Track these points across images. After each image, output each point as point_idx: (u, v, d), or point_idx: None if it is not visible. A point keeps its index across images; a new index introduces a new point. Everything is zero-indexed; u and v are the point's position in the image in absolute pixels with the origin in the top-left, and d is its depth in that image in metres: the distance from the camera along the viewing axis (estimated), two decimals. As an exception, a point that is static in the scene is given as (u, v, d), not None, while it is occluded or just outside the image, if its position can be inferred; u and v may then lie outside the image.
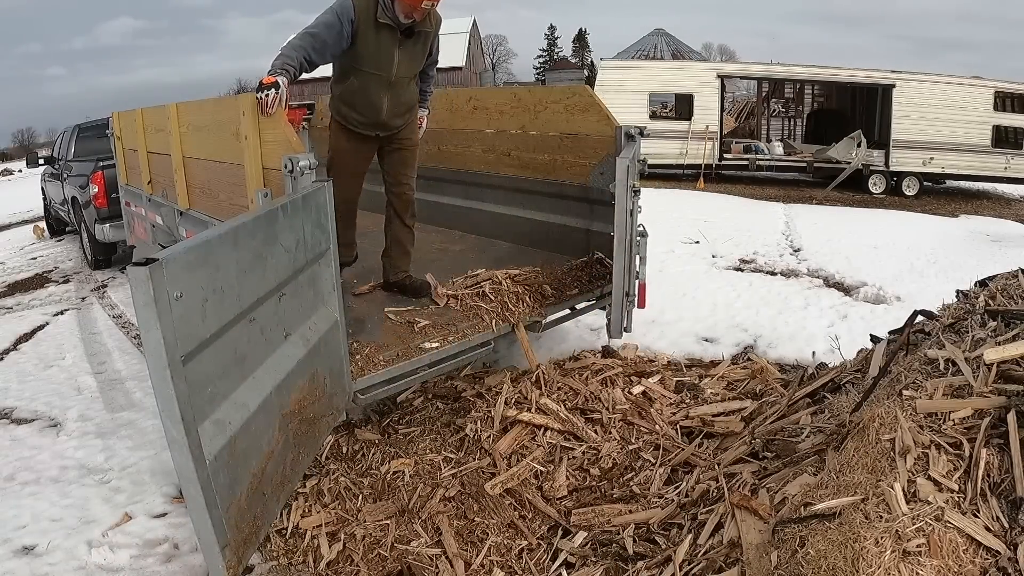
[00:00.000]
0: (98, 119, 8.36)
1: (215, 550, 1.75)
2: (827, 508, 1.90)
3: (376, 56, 3.01)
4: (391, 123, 3.21)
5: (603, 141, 3.66)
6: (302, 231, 2.28)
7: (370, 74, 3.05)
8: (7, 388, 4.47)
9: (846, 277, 6.06)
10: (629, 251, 3.06)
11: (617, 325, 3.19)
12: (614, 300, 3.13)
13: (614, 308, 3.15)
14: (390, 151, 3.33)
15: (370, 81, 3.06)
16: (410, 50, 3.09)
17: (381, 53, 3.01)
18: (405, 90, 3.20)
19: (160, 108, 4.07)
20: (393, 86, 3.11)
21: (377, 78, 3.06)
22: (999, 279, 2.75)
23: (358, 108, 3.13)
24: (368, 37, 2.96)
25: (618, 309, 3.15)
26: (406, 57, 3.08)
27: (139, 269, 1.51)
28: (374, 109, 3.11)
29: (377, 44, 2.98)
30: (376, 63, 3.02)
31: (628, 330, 3.30)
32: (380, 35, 2.97)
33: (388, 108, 3.14)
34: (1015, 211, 11.36)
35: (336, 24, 2.91)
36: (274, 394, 2.06)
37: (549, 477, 2.84)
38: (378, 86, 3.08)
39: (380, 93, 3.09)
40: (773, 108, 17.55)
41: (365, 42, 2.97)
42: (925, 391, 2.14)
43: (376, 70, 3.04)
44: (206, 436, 1.71)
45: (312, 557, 2.55)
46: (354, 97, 3.11)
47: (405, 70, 3.13)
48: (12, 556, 2.69)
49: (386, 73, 3.06)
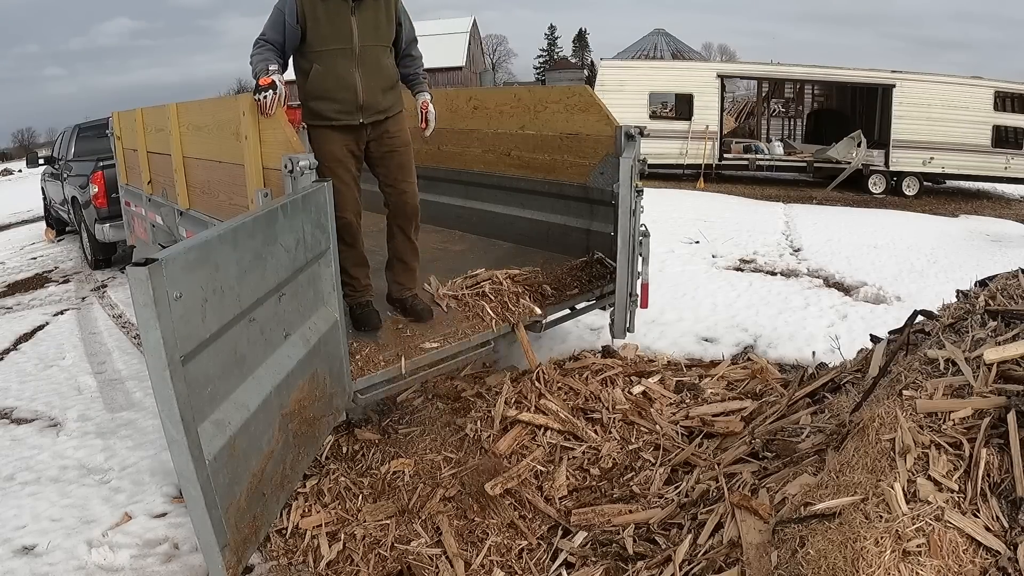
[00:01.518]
0: (98, 119, 8.36)
1: (215, 550, 1.75)
2: (827, 508, 1.90)
3: (331, 29, 2.79)
4: (372, 103, 2.90)
5: (603, 141, 3.66)
6: (302, 231, 2.28)
7: (332, 51, 2.81)
8: (7, 388, 4.47)
9: (846, 277, 6.06)
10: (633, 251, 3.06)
11: (621, 325, 3.19)
12: (618, 300, 3.12)
13: (618, 308, 3.14)
14: (382, 155, 3.05)
15: (335, 59, 2.81)
16: (368, 15, 2.84)
17: (337, 24, 2.78)
18: (377, 64, 2.90)
19: (160, 108, 4.07)
20: (361, 58, 2.84)
21: (341, 52, 2.81)
22: (999, 279, 2.75)
23: (333, 94, 2.84)
24: (318, 14, 2.77)
25: (622, 309, 3.15)
26: (367, 24, 2.84)
27: (139, 269, 1.51)
28: (349, 88, 2.84)
29: (329, 17, 2.78)
30: (334, 36, 2.79)
31: (631, 330, 3.29)
32: (328, 6, 2.77)
33: (363, 84, 2.86)
34: (1015, 211, 11.36)
35: (280, 18, 2.76)
36: (274, 394, 2.06)
37: (549, 477, 2.85)
38: (345, 62, 2.82)
39: (350, 69, 2.83)
40: (773, 108, 17.55)
41: (315, 21, 2.77)
42: (925, 391, 2.14)
43: (337, 44, 2.80)
44: (206, 436, 1.71)
45: (312, 557, 2.56)
46: (324, 84, 2.83)
47: (369, 38, 2.86)
48: (12, 556, 2.69)
49: (348, 44, 2.81)
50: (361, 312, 3.05)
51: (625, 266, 3.01)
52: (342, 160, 2.91)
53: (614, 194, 3.64)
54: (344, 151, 2.92)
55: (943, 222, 9.64)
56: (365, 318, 3.03)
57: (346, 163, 2.93)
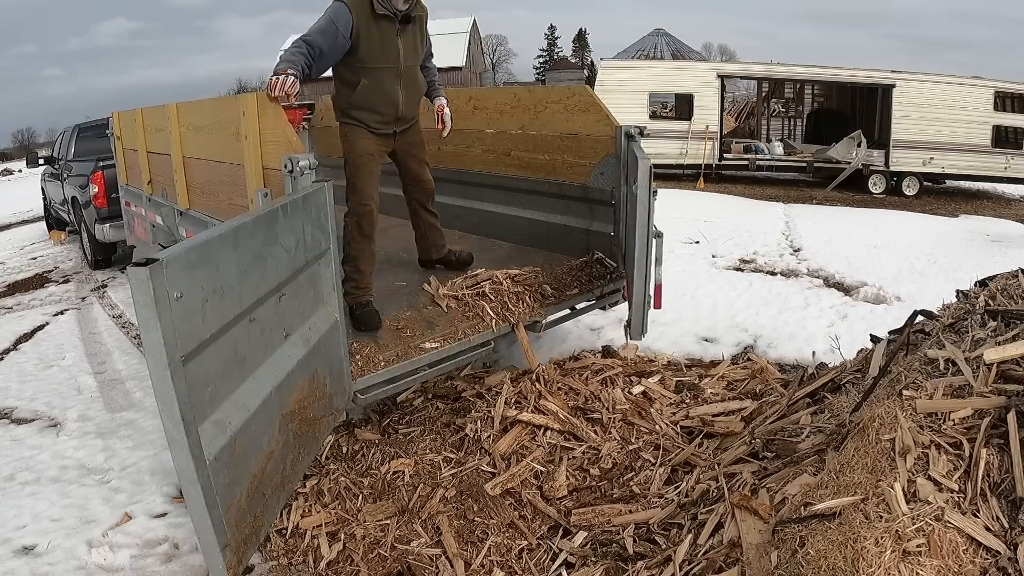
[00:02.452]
0: (98, 119, 8.36)
1: (215, 550, 1.75)
2: (827, 508, 1.90)
3: (382, 50, 3.03)
4: (408, 115, 3.26)
5: (603, 141, 3.66)
6: (302, 231, 2.28)
7: (381, 69, 3.06)
8: (7, 388, 4.47)
9: (846, 277, 6.06)
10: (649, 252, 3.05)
11: (638, 327, 3.18)
12: (634, 301, 3.11)
13: (634, 309, 3.13)
14: (405, 156, 3.38)
15: (382, 76, 3.07)
16: (411, 37, 3.13)
17: (386, 45, 3.03)
18: (414, 81, 3.24)
19: (160, 108, 4.07)
20: (404, 76, 3.14)
21: (388, 71, 3.08)
22: (999, 279, 2.75)
23: (377, 107, 3.12)
24: (370, 33, 2.97)
25: (639, 310, 3.14)
26: (409, 45, 3.12)
27: (139, 269, 1.51)
28: (391, 103, 3.13)
29: (380, 37, 3.00)
30: (383, 56, 3.04)
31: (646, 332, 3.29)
32: (381, 27, 2.99)
33: (404, 99, 3.17)
34: (1015, 211, 11.35)
35: (332, 30, 2.90)
36: (274, 394, 2.06)
37: (549, 477, 2.85)
38: (391, 79, 3.10)
39: (394, 85, 3.11)
40: (773, 108, 17.54)
41: (368, 38, 2.98)
42: (925, 391, 2.14)
43: (385, 63, 3.06)
44: (206, 436, 1.70)
45: (312, 557, 2.56)
46: (369, 97, 3.09)
47: (411, 58, 3.16)
48: (12, 556, 2.69)
49: (395, 64, 3.08)
50: (362, 312, 3.09)
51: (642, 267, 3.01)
52: (373, 155, 3.20)
53: (614, 194, 3.65)
54: (374, 147, 3.21)
55: (943, 222, 9.63)
56: (366, 318, 3.07)
57: (376, 158, 3.22)
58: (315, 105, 6.52)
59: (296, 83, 2.73)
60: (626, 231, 3.61)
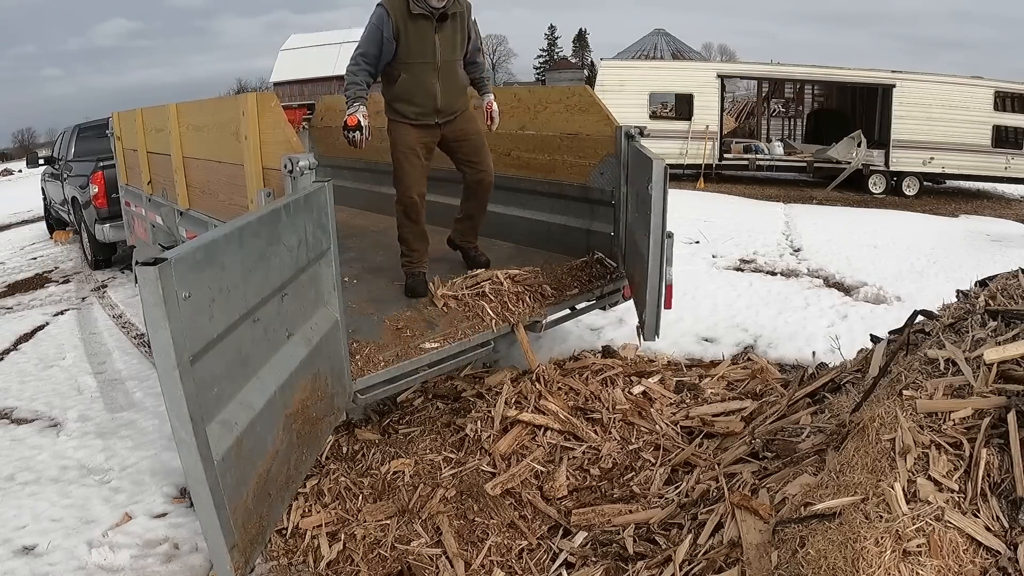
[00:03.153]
0: (98, 119, 8.36)
1: (223, 550, 1.74)
2: (827, 508, 1.90)
3: (419, 46, 3.22)
4: (447, 107, 3.37)
5: (603, 141, 3.66)
6: (304, 231, 2.28)
7: (417, 64, 3.25)
8: (7, 388, 4.47)
9: (846, 277, 6.06)
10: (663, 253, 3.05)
11: (651, 327, 3.18)
12: (648, 302, 3.11)
13: (648, 310, 3.14)
14: (458, 141, 3.48)
15: (419, 71, 3.26)
16: (448, 34, 3.28)
17: (423, 42, 3.22)
18: (454, 74, 3.38)
19: (160, 108, 4.06)
20: (441, 71, 3.30)
21: (424, 66, 3.26)
22: (999, 279, 2.75)
23: (415, 100, 3.30)
24: (408, 31, 3.18)
25: (652, 311, 3.14)
26: (446, 41, 3.28)
27: (148, 269, 1.50)
28: (429, 96, 3.30)
29: (417, 35, 3.20)
30: (420, 52, 3.23)
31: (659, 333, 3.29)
32: (418, 25, 3.18)
33: (442, 92, 3.32)
34: (1015, 211, 11.36)
35: (377, 34, 3.17)
36: (278, 394, 2.06)
37: (549, 477, 2.85)
38: (427, 74, 3.27)
39: (431, 79, 3.29)
40: (773, 108, 17.55)
41: (406, 37, 3.19)
42: (925, 391, 2.14)
43: (421, 59, 3.24)
44: (213, 437, 1.70)
45: (312, 557, 2.56)
46: (408, 91, 3.29)
47: (448, 53, 3.31)
48: (12, 556, 2.69)
49: (431, 59, 3.26)
50: (414, 281, 3.43)
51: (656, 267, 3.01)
52: (414, 148, 3.36)
53: (614, 194, 3.65)
54: (417, 142, 3.36)
55: (943, 222, 9.63)
56: (415, 286, 3.41)
57: (417, 151, 3.36)
58: (315, 105, 6.52)
59: (365, 129, 3.14)
60: (628, 231, 3.61)
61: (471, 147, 3.51)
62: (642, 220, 3.12)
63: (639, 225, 3.23)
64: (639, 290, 3.30)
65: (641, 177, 3.12)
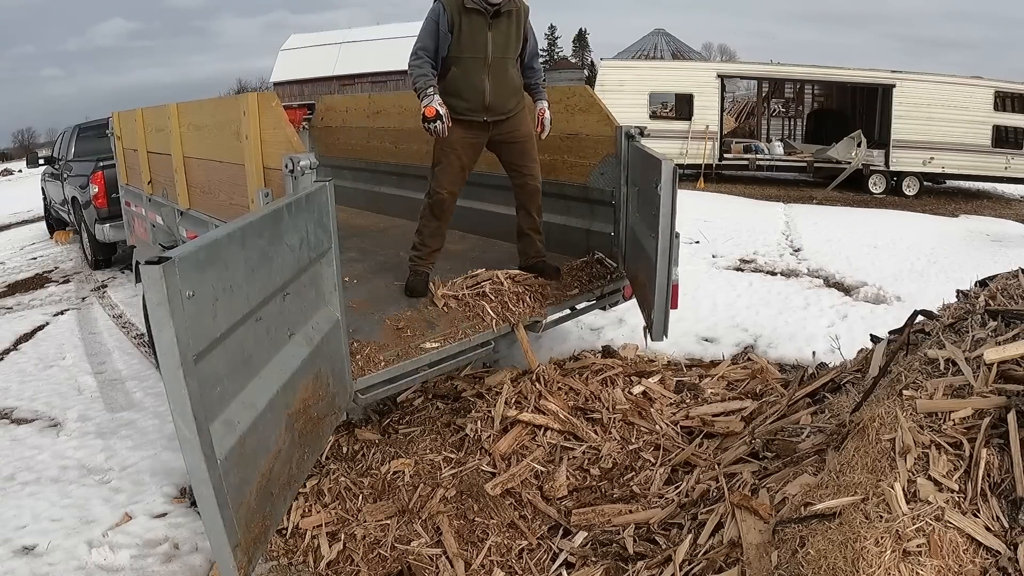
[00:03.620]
0: (98, 119, 8.36)
1: (226, 550, 1.74)
2: (827, 508, 1.90)
3: (471, 41, 3.21)
4: (497, 106, 3.32)
5: (603, 141, 3.66)
6: (305, 230, 2.28)
7: (468, 59, 3.24)
8: (7, 388, 4.47)
9: (846, 277, 6.06)
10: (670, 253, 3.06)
11: (659, 328, 3.18)
12: (656, 302, 3.11)
13: (656, 310, 3.14)
14: (506, 144, 3.45)
15: (469, 66, 3.25)
16: (502, 31, 3.26)
17: (475, 37, 3.21)
18: (505, 73, 3.33)
19: (160, 108, 4.06)
20: (492, 68, 3.27)
21: (475, 61, 3.24)
22: (999, 279, 2.75)
23: (463, 95, 3.29)
24: (463, 26, 3.19)
25: (660, 311, 3.14)
26: (499, 38, 3.26)
27: (153, 268, 1.50)
28: (477, 92, 3.27)
29: (470, 29, 3.20)
30: (472, 47, 3.23)
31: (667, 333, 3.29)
32: (471, 20, 3.19)
33: (491, 89, 3.29)
34: (1015, 211, 11.35)
35: (433, 27, 3.20)
36: (280, 393, 2.06)
37: (549, 477, 2.85)
38: (477, 69, 3.26)
39: (481, 75, 3.26)
40: (773, 108, 17.55)
41: (460, 31, 3.20)
42: (925, 391, 2.14)
43: (472, 53, 3.23)
44: (216, 436, 1.69)
45: (312, 557, 2.56)
46: (457, 84, 3.28)
47: (500, 51, 3.28)
48: (12, 556, 2.69)
49: (482, 55, 3.24)
50: (415, 279, 3.43)
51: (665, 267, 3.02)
52: (455, 146, 3.33)
53: (614, 194, 3.65)
54: (461, 140, 3.33)
55: (943, 222, 9.63)
56: (416, 285, 3.41)
57: (458, 150, 3.35)
58: (315, 105, 6.52)
59: (444, 117, 3.14)
60: (630, 231, 3.60)
61: (519, 150, 3.47)
62: (648, 220, 3.12)
63: (644, 225, 3.23)
64: (645, 290, 3.29)
65: (647, 177, 3.11)
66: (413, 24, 28.65)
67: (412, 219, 5.15)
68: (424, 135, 3.59)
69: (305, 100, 6.42)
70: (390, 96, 5.65)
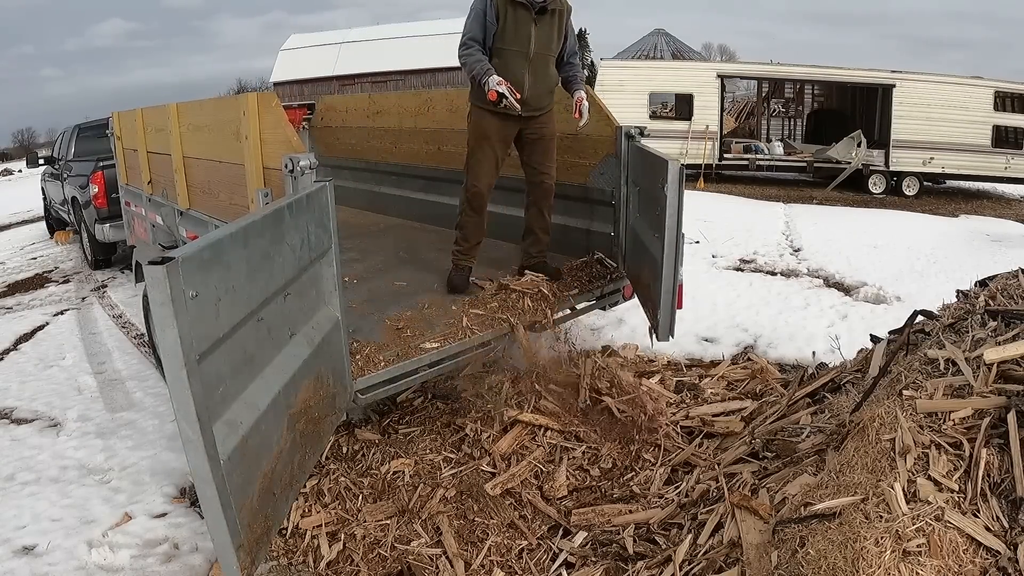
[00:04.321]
0: (98, 119, 8.35)
1: (230, 551, 1.73)
2: (827, 508, 1.90)
3: (515, 33, 3.25)
4: (533, 100, 3.35)
5: (603, 141, 3.66)
6: (306, 230, 2.28)
7: (510, 51, 3.27)
8: (7, 388, 4.47)
9: (846, 277, 6.06)
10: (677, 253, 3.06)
11: (665, 327, 3.18)
12: (663, 302, 3.12)
13: (663, 310, 3.14)
14: (531, 140, 3.47)
15: (511, 58, 3.28)
16: (545, 28, 3.29)
17: (519, 30, 3.24)
18: (545, 69, 3.37)
19: (160, 108, 4.06)
20: (533, 63, 3.31)
21: (517, 54, 3.28)
22: (999, 279, 2.75)
23: None
24: (507, 16, 3.22)
25: (667, 311, 3.15)
26: (542, 34, 3.30)
27: (157, 268, 1.50)
28: (517, 85, 3.27)
29: (515, 22, 3.23)
30: (515, 40, 3.26)
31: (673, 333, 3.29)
32: (517, 13, 3.22)
33: (530, 84, 3.31)
34: (1015, 211, 11.36)
35: (482, 18, 3.24)
36: (282, 394, 2.06)
37: (549, 477, 2.85)
38: (519, 62, 3.29)
39: (521, 69, 3.29)
40: (773, 108, 17.55)
41: (505, 23, 3.24)
42: (925, 391, 2.14)
43: (515, 46, 3.26)
44: (219, 436, 1.69)
45: (312, 557, 2.56)
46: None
47: (542, 47, 3.32)
48: (12, 556, 2.69)
49: (524, 48, 3.27)
50: (458, 275, 3.50)
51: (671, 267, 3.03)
52: (489, 139, 3.38)
53: (614, 194, 3.65)
54: (496, 132, 3.38)
55: (943, 222, 9.63)
56: (458, 281, 3.49)
57: (492, 142, 3.39)
58: (315, 105, 6.52)
59: (507, 93, 3.13)
60: (632, 232, 3.60)
61: (542, 148, 3.50)
62: (651, 220, 3.12)
63: (649, 225, 3.23)
64: (650, 290, 3.29)
65: (652, 178, 3.11)
66: (413, 24, 28.64)
67: (412, 219, 5.18)
68: (423, 135, 3.61)
69: (305, 100, 6.41)
70: (390, 96, 5.65)
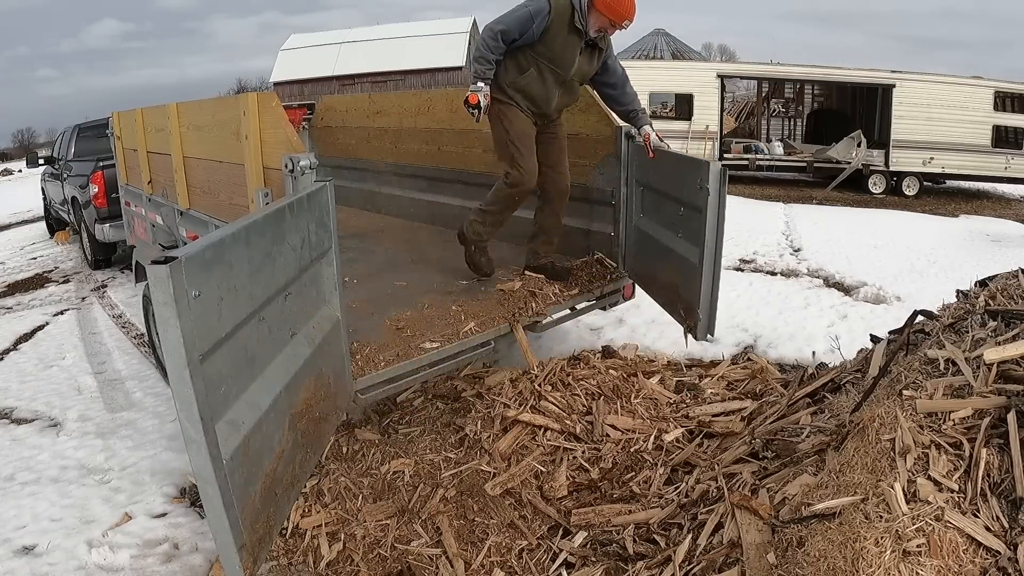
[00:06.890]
0: (98, 119, 8.36)
1: (232, 551, 1.73)
2: (827, 508, 1.90)
3: (561, 55, 3.28)
4: (552, 115, 3.49)
5: (603, 141, 3.66)
6: (307, 230, 2.28)
7: (551, 69, 3.31)
8: (7, 388, 4.47)
9: (846, 277, 6.06)
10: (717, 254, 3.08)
11: (705, 326, 3.19)
12: (702, 302, 3.13)
13: (703, 309, 3.15)
14: (547, 140, 3.52)
15: (550, 76, 3.33)
16: (587, 58, 3.36)
17: (566, 54, 3.28)
18: (573, 90, 3.47)
19: (160, 108, 4.06)
20: (566, 84, 3.38)
21: (556, 74, 3.33)
22: (999, 279, 2.75)
23: (532, 97, 3.37)
24: (559, 36, 3.23)
25: (707, 310, 3.16)
26: (584, 63, 3.36)
27: (160, 268, 1.50)
28: (546, 101, 3.38)
29: (564, 45, 3.26)
30: (560, 61, 3.29)
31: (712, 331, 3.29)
32: (569, 37, 3.24)
33: (557, 102, 3.42)
34: (1015, 211, 11.36)
35: (528, 22, 3.20)
36: (283, 393, 2.06)
37: (549, 477, 2.85)
38: (554, 81, 3.35)
39: (554, 88, 3.37)
40: (773, 108, 17.55)
41: (554, 40, 3.24)
42: (925, 391, 2.14)
43: (557, 67, 3.31)
44: (222, 436, 1.69)
45: (312, 557, 2.56)
46: (531, 86, 3.35)
47: (581, 74, 3.40)
48: (12, 556, 2.69)
49: (564, 72, 3.33)
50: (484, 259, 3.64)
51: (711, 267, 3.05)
52: (529, 135, 3.42)
53: (614, 194, 3.65)
54: (532, 128, 3.45)
55: (943, 222, 9.64)
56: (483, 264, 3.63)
57: (532, 138, 3.43)
58: (315, 105, 6.52)
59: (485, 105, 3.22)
60: (626, 230, 3.59)
61: (557, 149, 3.55)
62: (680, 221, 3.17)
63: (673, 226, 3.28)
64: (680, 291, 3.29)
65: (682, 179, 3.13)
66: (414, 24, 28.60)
67: (412, 219, 5.17)
68: (423, 135, 3.61)
69: (305, 100, 6.41)
70: (390, 96, 5.65)
